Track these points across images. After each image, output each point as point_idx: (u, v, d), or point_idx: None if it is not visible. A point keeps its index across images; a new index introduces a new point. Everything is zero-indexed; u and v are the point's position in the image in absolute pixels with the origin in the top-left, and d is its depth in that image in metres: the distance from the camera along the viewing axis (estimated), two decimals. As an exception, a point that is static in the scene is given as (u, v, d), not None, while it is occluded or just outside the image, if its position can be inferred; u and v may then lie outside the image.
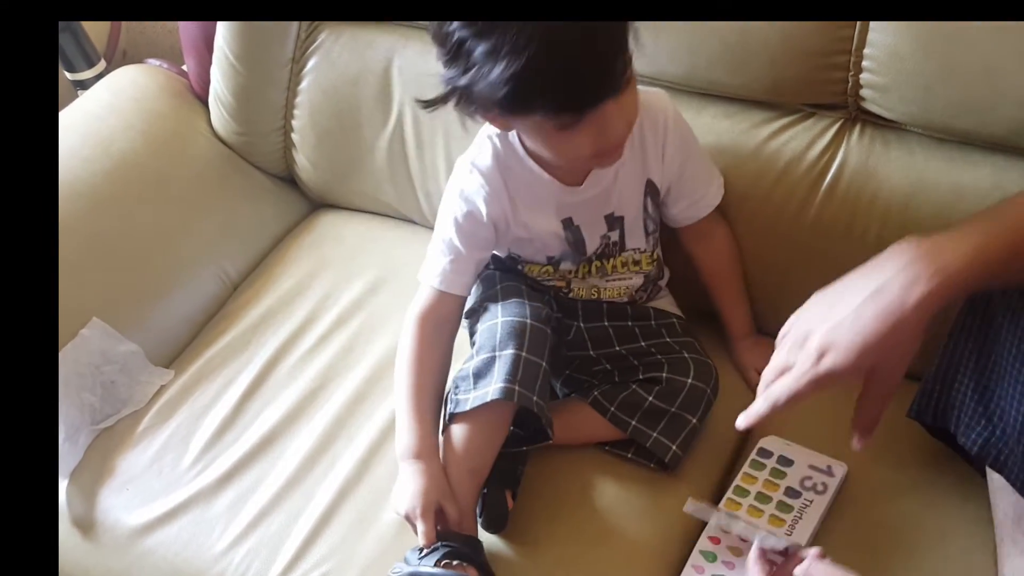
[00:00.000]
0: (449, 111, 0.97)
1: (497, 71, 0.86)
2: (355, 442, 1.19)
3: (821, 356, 0.86)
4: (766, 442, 1.13)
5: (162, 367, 1.32)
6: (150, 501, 1.18)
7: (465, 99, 0.93)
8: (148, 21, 2.02)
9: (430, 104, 0.96)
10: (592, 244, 1.12)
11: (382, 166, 1.40)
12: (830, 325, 0.86)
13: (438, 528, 1.00)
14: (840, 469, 1.09)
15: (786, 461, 1.11)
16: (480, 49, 0.87)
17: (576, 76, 0.88)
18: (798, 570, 0.91)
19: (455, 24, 0.87)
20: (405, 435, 1.07)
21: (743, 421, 0.92)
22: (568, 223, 1.10)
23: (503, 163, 1.07)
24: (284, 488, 1.16)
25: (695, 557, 1.05)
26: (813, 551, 0.93)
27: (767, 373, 0.91)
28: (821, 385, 0.87)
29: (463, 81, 0.90)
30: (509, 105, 0.91)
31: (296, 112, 1.43)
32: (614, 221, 1.12)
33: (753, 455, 1.12)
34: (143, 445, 1.24)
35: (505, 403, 1.02)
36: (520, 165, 1.06)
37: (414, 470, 1.04)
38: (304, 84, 1.41)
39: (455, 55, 0.89)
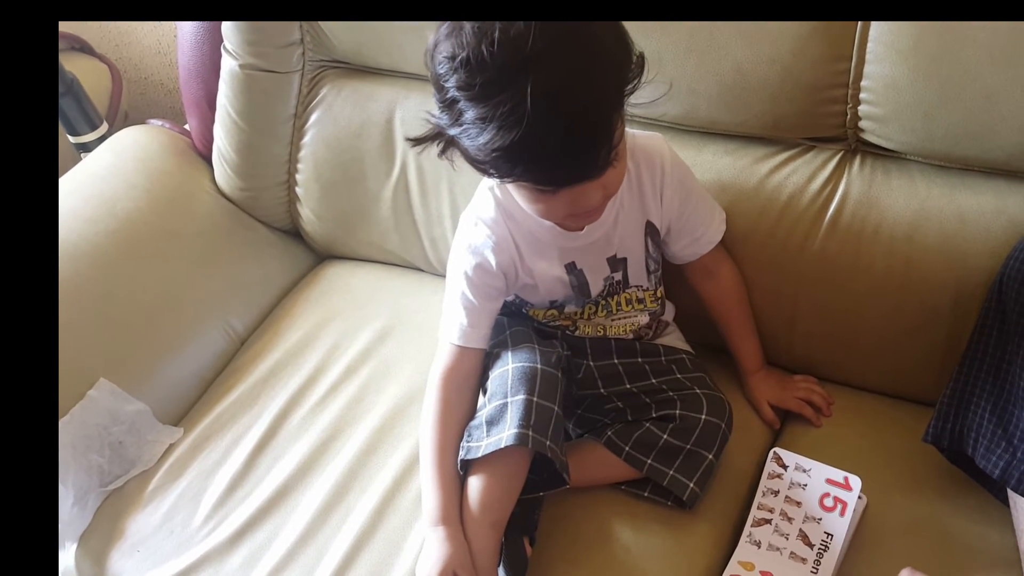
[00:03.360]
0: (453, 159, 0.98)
1: (483, 139, 0.88)
2: (368, 493, 1.18)
3: None
4: (779, 453, 1.12)
5: (171, 425, 1.32)
6: (161, 563, 1.17)
7: (451, 146, 0.95)
8: (147, 38, 2.04)
9: (419, 142, 0.97)
10: (596, 287, 1.13)
11: (387, 216, 1.41)
12: None
13: None
14: (856, 481, 1.08)
15: (803, 472, 1.10)
16: (471, 114, 0.88)
17: (558, 164, 0.90)
18: None
19: (451, 81, 0.88)
20: (429, 501, 1.06)
21: None
22: (571, 267, 1.10)
23: (506, 212, 1.08)
24: (297, 543, 1.15)
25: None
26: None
27: None
28: None
29: (451, 132, 0.92)
30: (488, 171, 0.93)
31: (300, 166, 1.44)
32: (617, 263, 1.12)
33: (768, 468, 1.11)
34: (153, 505, 1.22)
35: (521, 450, 1.01)
36: (522, 213, 1.06)
37: (436, 537, 1.03)
38: (307, 138, 1.42)
39: (449, 108, 0.91)
